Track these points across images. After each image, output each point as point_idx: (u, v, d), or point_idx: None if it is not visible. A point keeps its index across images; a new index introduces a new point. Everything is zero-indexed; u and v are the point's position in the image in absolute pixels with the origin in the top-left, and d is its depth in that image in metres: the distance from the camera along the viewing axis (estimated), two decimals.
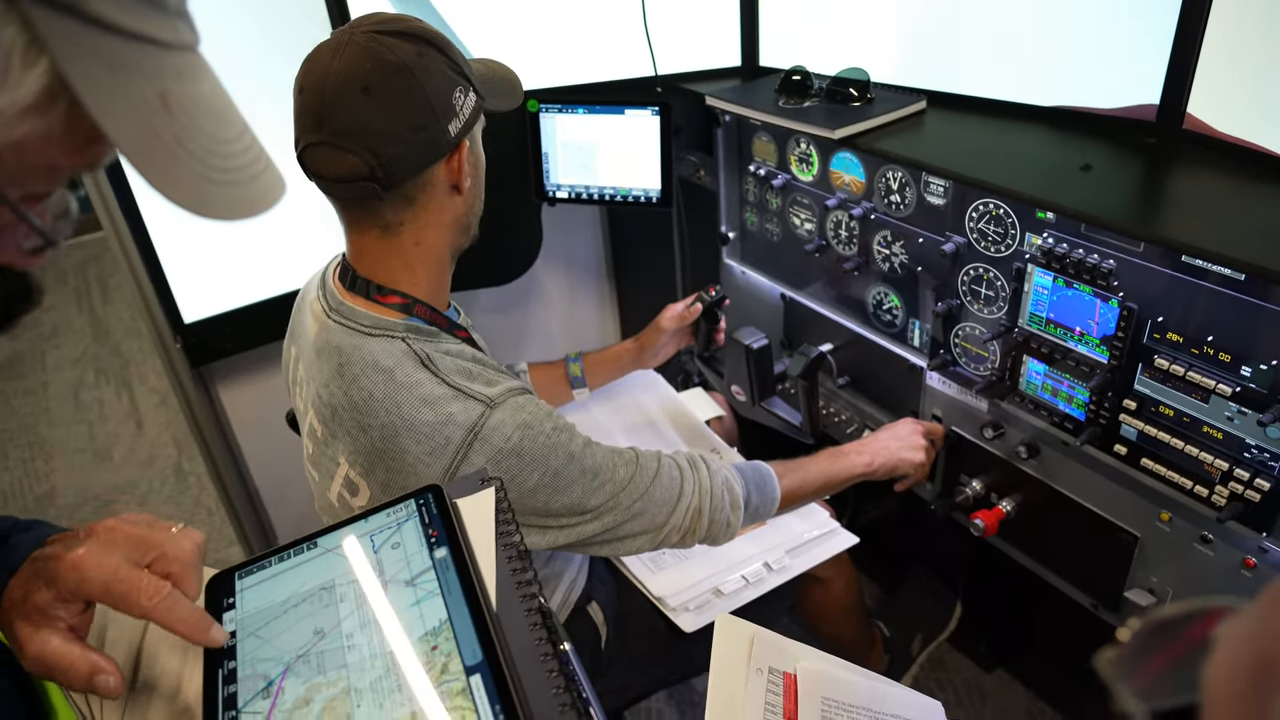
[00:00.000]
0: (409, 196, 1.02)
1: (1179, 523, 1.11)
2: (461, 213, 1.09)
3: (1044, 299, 1.17)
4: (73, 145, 0.44)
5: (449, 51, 1.01)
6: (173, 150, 0.43)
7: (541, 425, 1.00)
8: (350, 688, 0.60)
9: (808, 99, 1.47)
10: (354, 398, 1.00)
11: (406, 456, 0.98)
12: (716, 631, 0.85)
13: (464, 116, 1.02)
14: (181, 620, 0.61)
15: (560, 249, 2.24)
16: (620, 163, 1.69)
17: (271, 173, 0.50)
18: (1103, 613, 1.25)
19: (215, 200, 0.46)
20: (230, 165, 0.47)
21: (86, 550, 0.61)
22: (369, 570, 0.68)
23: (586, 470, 1.03)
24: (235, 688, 0.61)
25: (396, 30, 0.97)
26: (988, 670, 1.86)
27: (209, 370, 1.80)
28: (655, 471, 1.10)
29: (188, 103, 0.44)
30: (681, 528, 1.12)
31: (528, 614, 0.64)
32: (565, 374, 1.62)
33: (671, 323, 1.61)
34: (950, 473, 1.44)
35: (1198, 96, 1.16)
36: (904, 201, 1.34)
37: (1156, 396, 1.07)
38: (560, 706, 0.58)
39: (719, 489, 1.14)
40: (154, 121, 0.43)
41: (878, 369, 1.52)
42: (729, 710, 0.80)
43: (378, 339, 1.02)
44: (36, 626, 0.61)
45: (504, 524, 0.71)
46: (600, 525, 1.06)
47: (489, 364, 1.07)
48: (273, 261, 1.73)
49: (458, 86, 1.01)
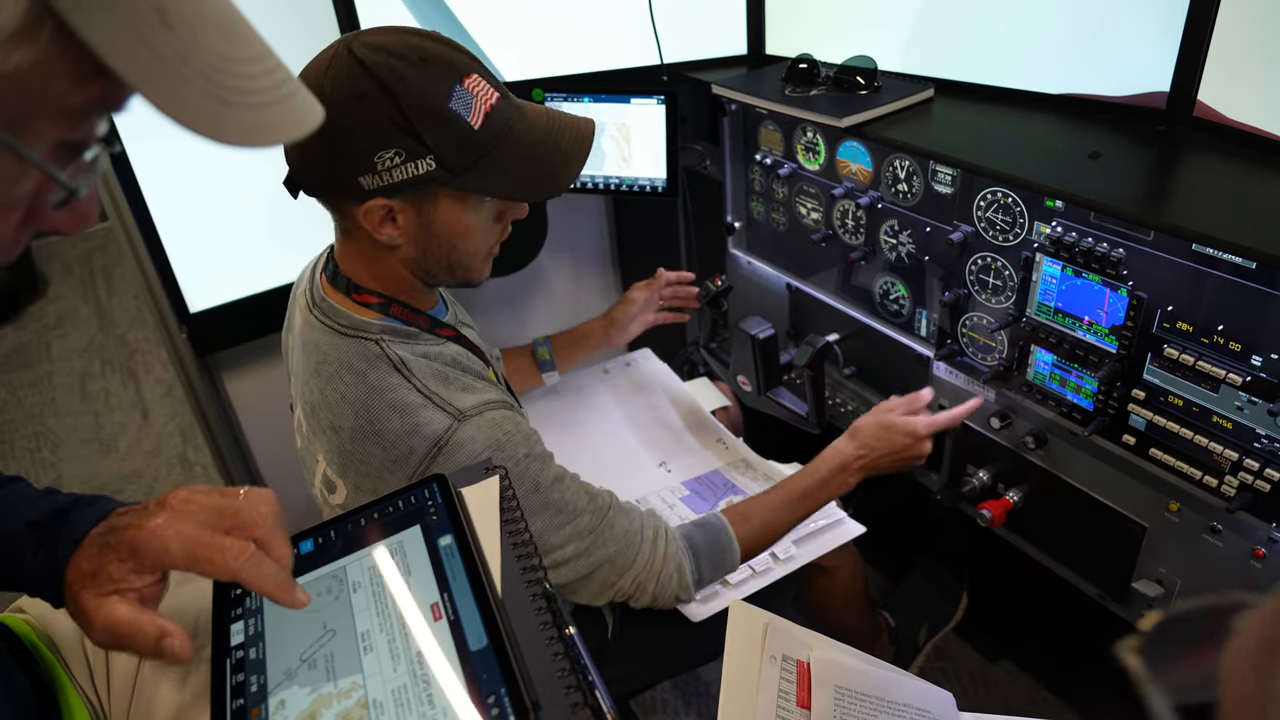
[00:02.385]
0: (338, 209, 0.99)
1: (1188, 513, 1.10)
2: (405, 259, 1.00)
3: (1052, 288, 1.16)
4: (76, 76, 0.41)
5: (407, 106, 0.89)
6: (176, 69, 0.40)
7: (515, 449, 0.98)
8: (368, 699, 0.59)
9: (814, 87, 1.46)
10: (329, 398, 0.99)
11: (372, 461, 0.97)
12: (730, 619, 0.84)
13: (392, 178, 0.91)
14: (268, 578, 0.60)
15: (565, 238, 2.24)
16: (626, 152, 1.68)
17: (300, 99, 0.46)
18: (1110, 603, 1.25)
19: (230, 123, 0.43)
20: (247, 87, 0.43)
21: (165, 520, 0.61)
22: (390, 562, 0.68)
23: (550, 504, 1.01)
24: (243, 700, 0.61)
25: (369, 60, 0.89)
26: (993, 661, 1.86)
27: (214, 360, 1.80)
28: (624, 533, 1.08)
29: (190, 18, 0.41)
30: (623, 591, 1.11)
31: (533, 599, 0.64)
32: (533, 358, 1.60)
33: (641, 293, 1.60)
34: (957, 463, 1.44)
35: (1208, 84, 1.15)
36: (911, 190, 1.33)
37: (1166, 386, 1.07)
38: (566, 689, 0.58)
39: (669, 574, 1.13)
40: (152, 38, 0.40)
41: (884, 359, 1.52)
42: (743, 697, 0.80)
43: (352, 340, 1.00)
44: (105, 596, 0.62)
45: (509, 511, 0.71)
46: (549, 561, 1.04)
47: (469, 368, 1.04)
48: (278, 251, 1.72)
49: (392, 149, 0.89)
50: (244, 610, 0.66)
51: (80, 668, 0.77)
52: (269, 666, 0.62)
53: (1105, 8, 1.24)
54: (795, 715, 0.82)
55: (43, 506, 0.69)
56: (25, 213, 0.46)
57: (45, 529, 0.67)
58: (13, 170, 0.43)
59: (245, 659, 0.62)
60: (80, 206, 0.49)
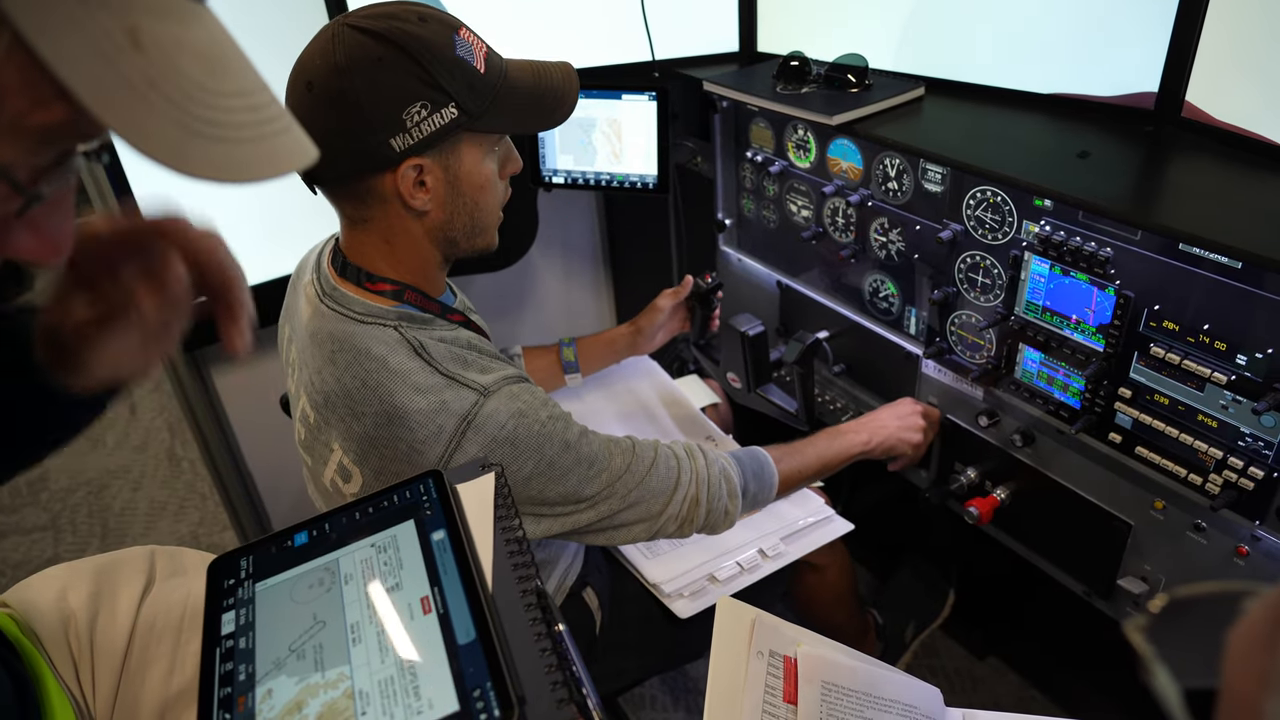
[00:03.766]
0: (358, 197, 1.00)
1: (1172, 511, 1.11)
2: (433, 226, 1.03)
3: (1040, 287, 1.16)
4: (35, 95, 0.38)
5: (424, 59, 0.93)
6: (143, 94, 0.38)
7: (536, 413, 1.00)
8: (354, 689, 0.59)
9: (806, 85, 1.47)
10: (347, 385, 0.99)
11: (400, 444, 0.97)
12: (718, 614, 0.85)
13: (422, 132, 0.95)
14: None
15: (556, 234, 2.24)
16: (617, 148, 1.68)
17: (290, 138, 0.45)
18: (1096, 600, 1.26)
19: (196, 155, 0.40)
20: (222, 120, 0.41)
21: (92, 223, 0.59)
22: (382, 555, 0.68)
23: (582, 459, 1.03)
24: (231, 689, 0.61)
25: (373, 28, 0.93)
26: (980, 658, 1.87)
27: (203, 354, 1.79)
28: (652, 460, 1.09)
29: (167, 43, 0.39)
30: (679, 517, 1.12)
31: (523, 595, 0.64)
32: (558, 358, 1.61)
33: (669, 300, 1.61)
34: (945, 460, 1.44)
35: (1196, 84, 1.16)
36: (901, 188, 1.34)
37: (1152, 385, 1.07)
38: (552, 685, 0.59)
39: (716, 478, 1.14)
40: (117, 59, 0.37)
41: (874, 356, 1.52)
42: (730, 692, 0.80)
43: (370, 326, 1.01)
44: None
45: (503, 508, 0.71)
46: (595, 514, 1.06)
47: (485, 350, 1.06)
48: (265, 246, 1.71)
49: (419, 101, 0.93)
50: (236, 600, 0.66)
51: (64, 661, 0.77)
52: (258, 656, 0.62)
53: (1095, 9, 1.24)
54: (782, 710, 0.83)
55: None
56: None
57: None
58: None
59: (235, 648, 0.62)
60: (50, 233, 0.46)
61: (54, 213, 0.46)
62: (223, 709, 0.58)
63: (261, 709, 0.58)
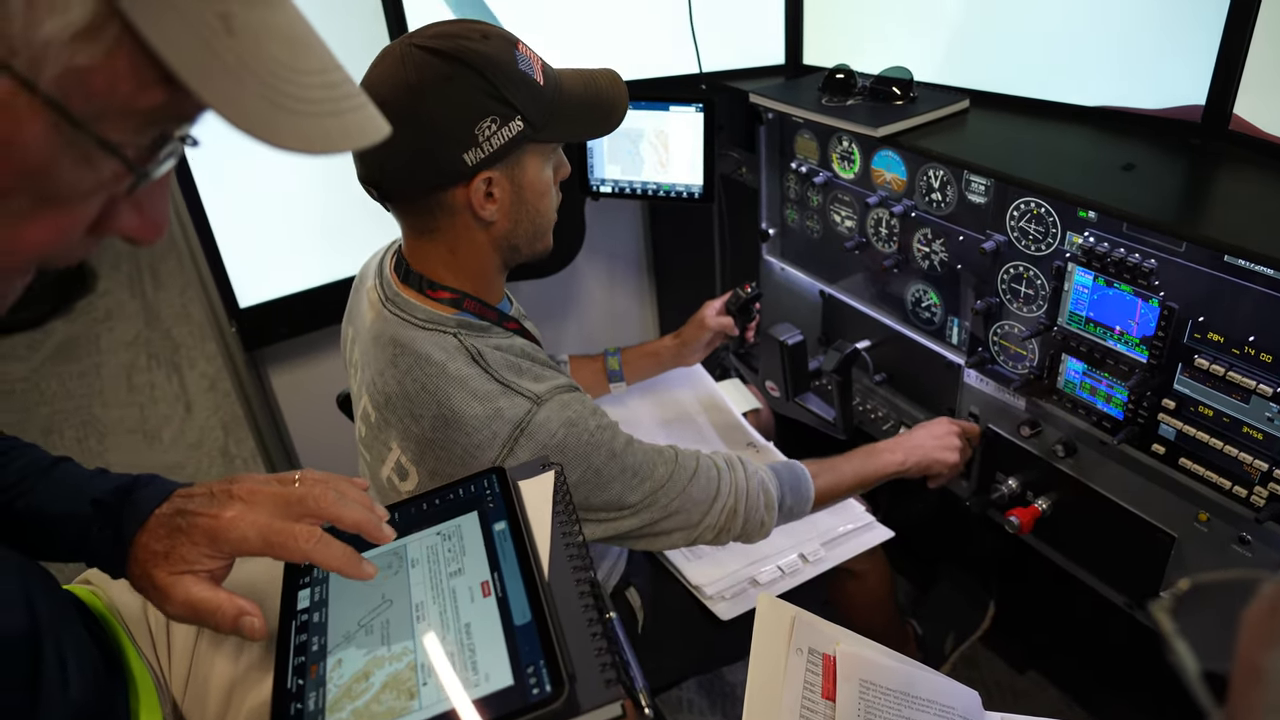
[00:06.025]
0: (427, 209, 1.04)
1: (1217, 523, 1.11)
2: (499, 235, 1.07)
3: (1084, 298, 1.17)
4: (141, 79, 0.41)
5: (491, 75, 0.97)
6: (236, 73, 0.42)
7: (586, 423, 1.03)
8: (417, 662, 0.63)
9: (851, 97, 1.49)
10: (407, 388, 1.03)
11: (455, 448, 1.01)
12: (758, 611, 0.87)
13: (492, 146, 0.99)
14: (335, 557, 0.67)
15: (602, 243, 2.28)
16: (664, 158, 1.72)
17: (363, 113, 0.48)
18: (1138, 613, 1.25)
19: (286, 128, 0.44)
20: (307, 96, 0.44)
21: (240, 512, 0.68)
22: (447, 542, 0.72)
23: (627, 468, 1.06)
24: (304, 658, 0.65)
25: (440, 47, 0.96)
26: (1020, 671, 1.86)
27: (261, 354, 1.85)
28: (693, 471, 1.12)
29: (255, 26, 0.42)
30: (716, 526, 1.14)
31: (577, 583, 0.68)
32: (604, 367, 1.65)
33: (714, 317, 1.63)
34: (986, 470, 1.45)
35: (1244, 97, 1.16)
36: (945, 200, 1.35)
37: (1196, 396, 1.07)
38: (601, 666, 0.62)
39: (754, 489, 1.16)
40: (214, 43, 0.41)
41: (916, 366, 1.53)
42: (770, 687, 0.82)
43: (430, 333, 1.05)
44: (179, 575, 0.67)
45: (560, 504, 0.75)
46: (638, 521, 1.09)
47: (538, 358, 1.09)
48: (327, 248, 1.78)
49: (489, 116, 0.97)
50: (311, 579, 0.71)
51: (144, 638, 0.82)
52: (330, 629, 0.66)
53: (1141, 21, 1.25)
54: (820, 706, 0.84)
55: (102, 484, 0.75)
56: (97, 215, 0.47)
57: (109, 505, 0.72)
58: (80, 159, 0.43)
59: (309, 621, 0.67)
60: (151, 213, 0.50)
61: (155, 193, 0.50)
62: (297, 675, 0.63)
63: (332, 676, 0.62)
